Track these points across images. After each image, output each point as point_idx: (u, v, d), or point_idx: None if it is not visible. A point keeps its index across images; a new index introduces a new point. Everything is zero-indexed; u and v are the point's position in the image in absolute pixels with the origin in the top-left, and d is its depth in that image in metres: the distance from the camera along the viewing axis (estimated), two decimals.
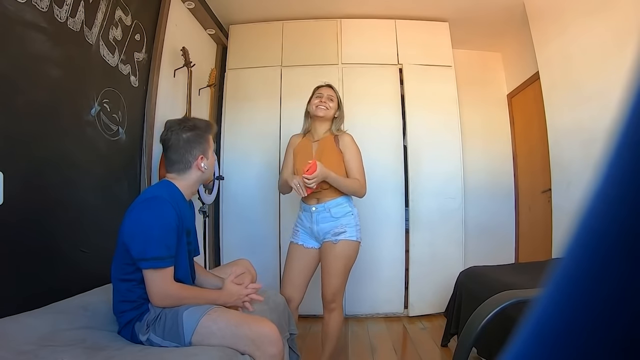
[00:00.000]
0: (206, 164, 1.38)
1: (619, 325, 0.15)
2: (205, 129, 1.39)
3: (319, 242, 1.86)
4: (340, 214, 1.80)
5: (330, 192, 1.80)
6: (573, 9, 2.35)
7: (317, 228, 1.82)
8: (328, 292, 1.80)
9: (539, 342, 0.17)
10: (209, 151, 1.40)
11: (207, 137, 1.39)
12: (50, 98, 1.47)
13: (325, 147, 1.87)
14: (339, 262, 1.78)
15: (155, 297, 1.21)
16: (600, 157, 0.16)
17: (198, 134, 1.36)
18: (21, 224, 1.32)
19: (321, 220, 1.81)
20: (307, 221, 1.86)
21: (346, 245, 1.78)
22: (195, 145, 1.35)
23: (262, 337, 1.17)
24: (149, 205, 1.24)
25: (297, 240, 1.91)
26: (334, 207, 1.81)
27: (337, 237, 1.77)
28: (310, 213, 1.84)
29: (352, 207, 1.85)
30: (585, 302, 0.16)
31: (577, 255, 0.17)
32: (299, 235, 1.91)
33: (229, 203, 3.02)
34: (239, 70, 3.12)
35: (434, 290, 2.86)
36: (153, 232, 1.19)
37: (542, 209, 3.07)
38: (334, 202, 1.81)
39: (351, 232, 1.79)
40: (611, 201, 0.16)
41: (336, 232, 1.78)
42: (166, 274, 1.20)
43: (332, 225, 1.79)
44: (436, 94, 3.02)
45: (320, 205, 1.82)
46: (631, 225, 0.15)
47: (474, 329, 1.24)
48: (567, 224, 0.33)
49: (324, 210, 1.81)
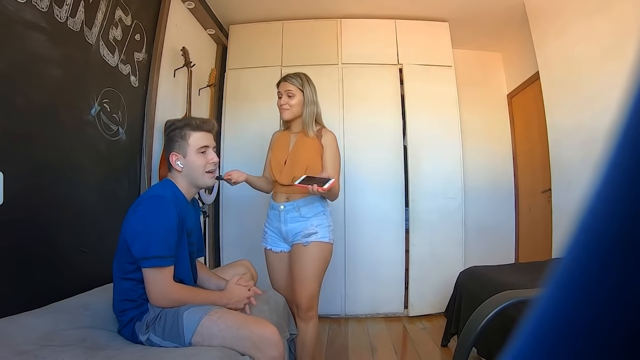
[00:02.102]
0: (182, 162, 1.33)
1: (618, 325, 0.15)
2: (185, 126, 1.34)
3: (289, 244, 1.72)
4: (310, 214, 1.66)
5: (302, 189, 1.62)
6: (573, 9, 2.35)
7: (285, 228, 1.68)
8: (303, 300, 1.63)
9: (539, 342, 0.17)
10: (188, 149, 1.32)
11: (186, 133, 1.33)
12: (50, 98, 1.47)
13: (304, 140, 1.72)
14: (312, 265, 1.63)
15: (155, 297, 1.21)
16: (600, 157, 0.16)
17: (176, 131, 1.34)
18: (21, 224, 1.32)
19: (290, 220, 1.67)
20: (276, 220, 1.72)
21: (318, 247, 1.63)
22: (172, 142, 1.34)
23: (263, 340, 1.16)
24: (152, 204, 1.24)
25: (266, 244, 1.78)
26: (304, 206, 1.66)
27: (307, 239, 1.63)
28: (278, 212, 1.70)
29: (324, 206, 1.70)
30: (585, 302, 0.16)
31: (577, 255, 0.17)
32: (267, 237, 1.78)
33: (229, 203, 3.02)
34: (239, 70, 3.12)
35: (434, 290, 2.86)
36: (155, 232, 1.19)
37: (542, 209, 3.07)
38: (304, 201, 1.66)
39: (323, 232, 1.65)
40: (611, 201, 0.16)
41: (306, 234, 1.63)
42: (166, 274, 1.20)
43: (302, 226, 1.65)
44: (436, 94, 3.02)
45: (289, 204, 1.67)
46: (631, 225, 0.15)
47: (474, 329, 1.24)
48: (567, 224, 0.33)
49: (293, 209, 1.66)
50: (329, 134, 1.74)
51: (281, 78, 1.76)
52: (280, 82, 1.76)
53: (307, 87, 1.72)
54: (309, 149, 1.71)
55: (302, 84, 1.72)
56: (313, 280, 1.64)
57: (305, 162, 1.68)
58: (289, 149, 1.75)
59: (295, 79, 1.72)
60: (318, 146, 1.71)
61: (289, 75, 1.74)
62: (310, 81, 1.76)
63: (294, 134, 1.77)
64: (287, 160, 1.73)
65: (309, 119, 1.72)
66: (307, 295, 1.63)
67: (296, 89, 1.71)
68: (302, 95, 1.72)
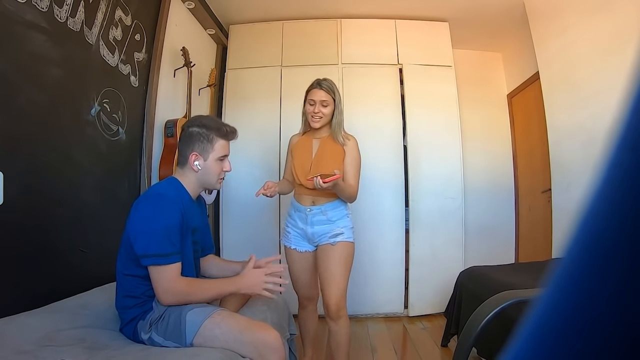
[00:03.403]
0: (200, 164, 1.33)
1: (619, 325, 0.15)
2: (214, 130, 1.33)
3: (313, 244, 1.77)
4: (337, 217, 1.73)
5: (327, 193, 1.70)
6: (573, 9, 2.35)
7: (312, 230, 1.73)
8: (333, 299, 1.68)
9: (539, 342, 0.17)
10: (211, 154, 1.33)
11: (213, 138, 1.33)
12: (50, 98, 1.47)
13: (326, 145, 1.77)
14: (340, 264, 1.69)
15: (162, 295, 1.20)
16: (600, 157, 0.16)
17: (203, 132, 1.33)
18: (21, 224, 1.32)
19: (316, 222, 1.73)
20: (301, 222, 1.76)
21: (344, 246, 1.71)
22: (195, 141, 1.33)
23: (265, 345, 1.16)
24: (153, 202, 1.24)
25: (289, 244, 1.81)
26: (331, 210, 1.73)
27: (335, 239, 1.70)
28: (304, 214, 1.75)
29: (347, 209, 1.78)
30: (585, 302, 0.16)
31: (577, 256, 0.17)
32: (290, 237, 1.81)
33: (229, 203, 3.02)
34: (239, 70, 3.12)
35: (434, 290, 2.86)
36: (155, 229, 1.19)
37: (542, 209, 3.07)
38: (331, 205, 1.73)
39: (348, 233, 1.73)
40: (611, 201, 0.16)
41: (334, 234, 1.71)
42: (171, 271, 1.19)
43: (328, 228, 1.71)
44: (436, 94, 3.02)
45: (316, 208, 1.73)
46: (631, 225, 0.15)
47: (474, 329, 1.24)
48: (567, 224, 0.33)
49: (320, 213, 1.72)
50: (351, 139, 1.78)
51: (314, 85, 1.75)
52: (313, 89, 1.74)
53: (337, 95, 1.74)
54: (333, 153, 1.74)
55: (334, 93, 1.73)
56: (341, 279, 1.70)
57: (330, 166, 1.69)
58: (313, 153, 1.77)
59: (329, 88, 1.72)
60: (341, 152, 1.75)
61: (323, 84, 1.73)
62: (337, 88, 1.78)
63: (317, 139, 1.79)
64: (312, 164, 1.75)
65: (337, 127, 1.74)
66: (337, 294, 1.68)
67: (331, 99, 1.72)
68: (334, 105, 1.73)
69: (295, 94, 2.95)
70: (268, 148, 3.00)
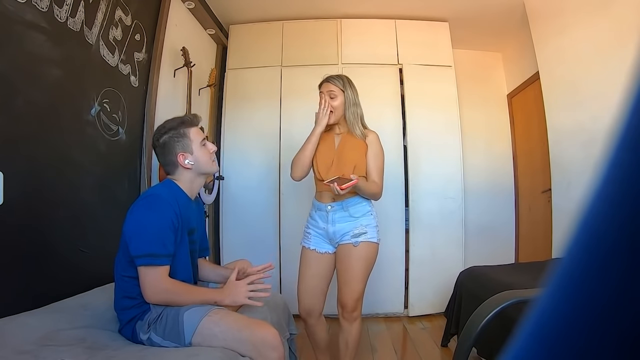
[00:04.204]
0: (191, 159, 1.35)
1: (619, 325, 0.15)
2: (180, 125, 1.35)
3: (334, 245, 1.70)
4: (359, 214, 1.65)
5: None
6: (573, 8, 2.35)
7: (333, 229, 1.66)
8: (349, 300, 1.62)
9: (539, 342, 0.17)
10: (192, 145, 1.35)
11: (184, 131, 1.35)
12: (50, 98, 1.47)
13: (347, 140, 1.73)
14: (360, 266, 1.62)
15: (147, 293, 1.20)
16: (600, 157, 0.16)
17: (173, 133, 1.35)
18: (21, 224, 1.32)
19: (338, 220, 1.66)
20: (322, 221, 1.69)
21: (367, 247, 1.63)
22: (173, 145, 1.34)
23: (264, 343, 1.16)
24: (146, 204, 1.25)
25: (309, 245, 1.72)
26: (353, 206, 1.65)
27: (357, 239, 1.62)
28: (325, 212, 1.67)
29: (371, 206, 1.71)
30: (585, 302, 0.16)
31: (577, 256, 0.17)
32: (310, 238, 1.73)
33: (229, 203, 3.02)
34: (239, 70, 3.12)
35: (434, 290, 2.86)
36: (148, 230, 1.20)
37: (542, 209, 3.07)
38: (353, 201, 1.65)
39: (372, 232, 1.65)
40: (611, 201, 0.16)
41: (356, 234, 1.63)
42: (160, 272, 1.20)
43: (351, 226, 1.64)
44: (436, 94, 3.02)
45: (336, 204, 1.66)
46: (631, 225, 0.15)
47: (474, 329, 1.24)
48: (567, 224, 0.33)
49: (341, 209, 1.65)
50: (372, 134, 1.76)
51: (323, 79, 1.77)
52: (322, 83, 1.77)
53: (348, 88, 1.74)
54: (355, 148, 1.70)
55: (343, 85, 1.73)
56: (360, 281, 1.63)
57: (352, 161, 1.67)
58: (335, 149, 1.74)
59: (338, 80, 1.73)
60: (363, 146, 1.72)
61: (331, 77, 1.76)
62: (351, 83, 1.77)
63: (338, 135, 1.77)
64: (333, 160, 1.72)
65: (353, 119, 1.73)
66: (354, 296, 1.63)
67: (338, 90, 1.71)
68: (344, 97, 1.72)
69: (296, 93, 2.96)
70: (268, 148, 3.00)
